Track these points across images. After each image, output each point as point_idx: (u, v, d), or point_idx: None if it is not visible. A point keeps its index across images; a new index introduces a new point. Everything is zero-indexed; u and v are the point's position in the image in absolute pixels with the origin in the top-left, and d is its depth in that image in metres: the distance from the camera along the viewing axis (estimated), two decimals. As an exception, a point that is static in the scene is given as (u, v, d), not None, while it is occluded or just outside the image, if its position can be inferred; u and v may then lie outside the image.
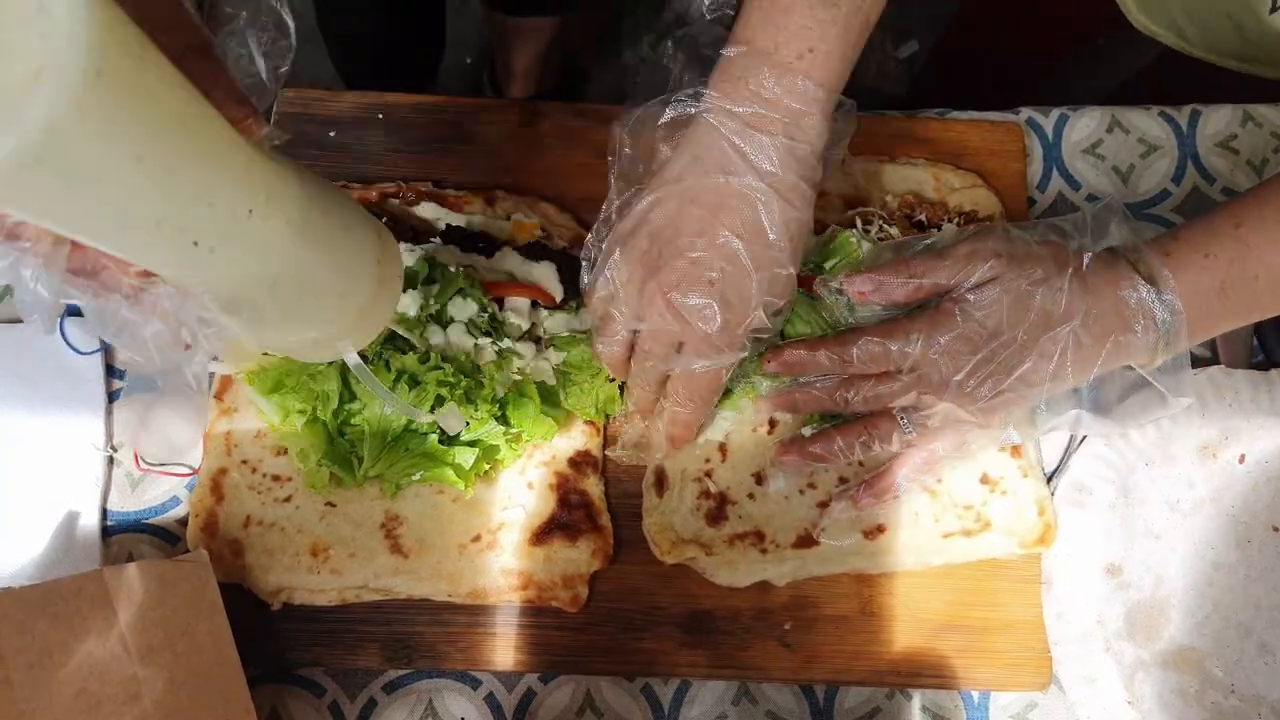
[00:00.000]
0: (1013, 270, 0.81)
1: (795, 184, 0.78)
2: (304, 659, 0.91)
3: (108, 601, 0.79)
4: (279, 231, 0.56)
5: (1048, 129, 1.09)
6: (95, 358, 0.97)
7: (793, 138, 0.77)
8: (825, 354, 0.87)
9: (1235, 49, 1.07)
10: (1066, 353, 0.80)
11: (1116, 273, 0.81)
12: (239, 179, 0.52)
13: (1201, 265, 0.80)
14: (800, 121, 0.77)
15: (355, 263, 0.66)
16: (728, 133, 0.77)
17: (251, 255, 0.56)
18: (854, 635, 0.94)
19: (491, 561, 0.91)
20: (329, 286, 0.65)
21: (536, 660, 0.92)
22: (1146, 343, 0.81)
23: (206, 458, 0.93)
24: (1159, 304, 0.80)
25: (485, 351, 0.91)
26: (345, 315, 0.67)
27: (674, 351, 0.84)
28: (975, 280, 0.81)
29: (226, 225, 0.52)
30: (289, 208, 0.57)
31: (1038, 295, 0.80)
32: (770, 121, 0.77)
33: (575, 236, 0.99)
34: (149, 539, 0.94)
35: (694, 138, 0.79)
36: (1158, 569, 0.97)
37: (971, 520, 0.95)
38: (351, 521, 0.91)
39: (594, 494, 0.94)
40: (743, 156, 0.77)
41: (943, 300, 0.83)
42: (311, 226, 0.59)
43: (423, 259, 0.90)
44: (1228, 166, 1.08)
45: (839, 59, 0.78)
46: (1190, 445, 0.99)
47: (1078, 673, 0.94)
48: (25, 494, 0.93)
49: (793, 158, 0.78)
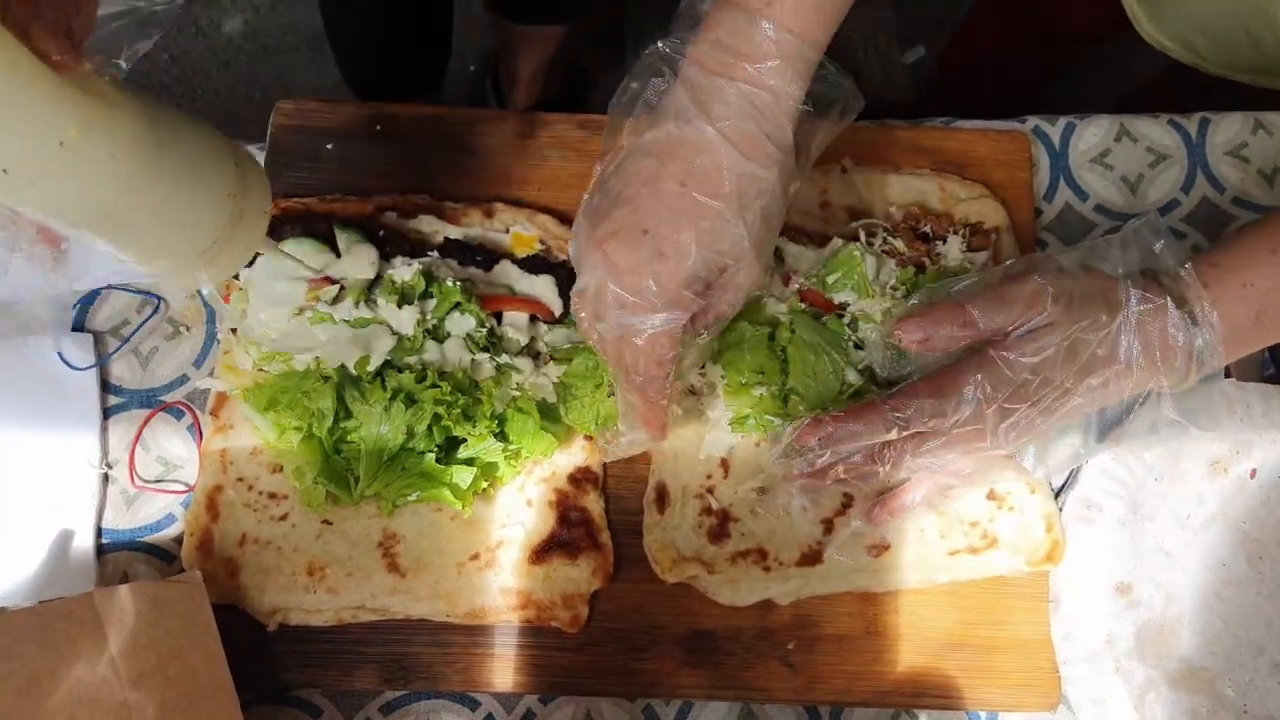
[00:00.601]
0: (1068, 317, 0.78)
1: (753, 134, 0.73)
2: (300, 680, 0.90)
3: (98, 625, 0.78)
4: (101, 165, 0.58)
5: (1055, 138, 1.07)
6: (90, 373, 0.96)
7: (751, 82, 0.72)
8: (879, 419, 0.82)
9: (1250, 63, 1.06)
10: (1108, 388, 0.78)
11: (1161, 311, 0.79)
12: (45, 112, 0.54)
13: (1240, 296, 0.79)
14: (761, 66, 0.72)
15: (204, 198, 0.66)
16: (688, 84, 0.74)
17: (72, 185, 0.58)
18: (858, 655, 0.93)
19: (490, 580, 0.90)
20: (173, 219, 0.65)
21: (536, 681, 0.91)
22: (1180, 371, 0.79)
23: (202, 475, 0.91)
24: (1198, 334, 0.78)
25: (483, 367, 0.90)
26: (196, 247, 0.68)
27: (612, 310, 0.76)
28: (1031, 326, 0.79)
29: (35, 156, 0.55)
30: (112, 141, 0.58)
31: (1091, 343, 0.78)
32: (729, 68, 0.73)
33: (575, 250, 0.98)
34: (144, 557, 0.93)
35: (660, 90, 0.76)
36: (1168, 587, 0.96)
37: (978, 537, 0.93)
38: (348, 540, 0.90)
39: (594, 511, 0.93)
40: (696, 103, 0.73)
41: (992, 346, 0.79)
42: (146, 160, 0.60)
43: (419, 273, 0.89)
44: (1238, 176, 1.06)
45: (813, 7, 0.73)
46: (1201, 460, 0.97)
47: (1087, 693, 0.92)
48: (19, 511, 0.92)
49: (751, 105, 0.73)
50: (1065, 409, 0.79)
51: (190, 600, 0.82)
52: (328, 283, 0.89)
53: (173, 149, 0.63)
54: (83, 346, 0.96)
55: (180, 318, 0.98)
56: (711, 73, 0.73)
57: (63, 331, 0.96)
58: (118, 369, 0.97)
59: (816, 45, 0.75)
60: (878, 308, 0.91)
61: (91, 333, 0.97)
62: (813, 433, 0.84)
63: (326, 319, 0.87)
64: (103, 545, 0.93)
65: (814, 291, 0.93)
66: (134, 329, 0.98)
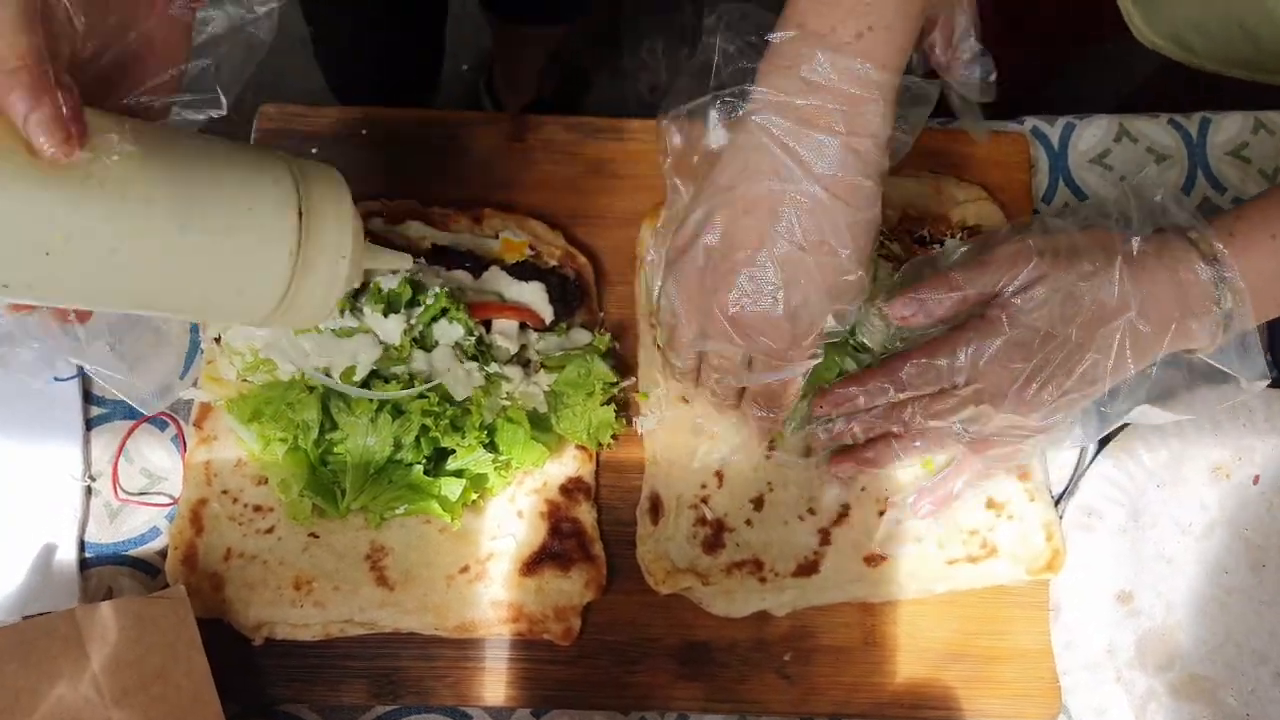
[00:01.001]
0: (1059, 267, 0.76)
1: (856, 184, 0.71)
2: (287, 695, 0.89)
3: (80, 642, 0.76)
4: (102, 261, 0.54)
5: (1054, 138, 1.06)
6: (72, 384, 0.94)
7: (853, 131, 0.70)
8: (876, 384, 0.83)
9: (1244, 57, 1.04)
10: (1125, 344, 0.76)
11: (1173, 255, 0.77)
12: (22, 222, 0.51)
13: (1268, 247, 0.76)
14: (860, 111, 0.70)
15: (250, 264, 0.62)
16: (779, 133, 0.70)
17: (74, 283, 0.55)
18: (856, 666, 0.91)
19: (480, 593, 0.89)
20: (217, 291, 0.61)
21: (528, 695, 0.90)
22: (1208, 326, 0.77)
23: (186, 487, 0.90)
24: (1222, 285, 0.76)
25: (472, 376, 0.88)
26: (257, 310, 0.64)
27: (744, 368, 0.81)
28: (1020, 283, 0.77)
29: (22, 264, 0.52)
30: (114, 236, 0.54)
31: (1088, 289, 0.76)
32: (826, 114, 0.70)
33: (565, 255, 0.96)
34: (129, 571, 0.91)
35: (742, 141, 0.73)
36: (1169, 595, 0.94)
37: (977, 546, 0.92)
38: (335, 553, 0.89)
39: (586, 522, 0.91)
40: (796, 160, 0.70)
41: (989, 308, 0.79)
42: (162, 247, 0.56)
43: (405, 280, 0.87)
44: (1239, 176, 1.05)
45: (901, 34, 0.70)
46: (1202, 466, 0.96)
47: (1088, 703, 0.91)
48: (1, 525, 0.91)
49: (852, 154, 0.70)
50: (1084, 367, 0.76)
51: (174, 616, 0.81)
52: None
53: (202, 222, 0.58)
54: (65, 356, 0.95)
55: (164, 328, 0.97)
56: (805, 122, 0.70)
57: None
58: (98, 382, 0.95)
59: (899, 73, 0.72)
60: (877, 311, 0.90)
61: (74, 342, 0.96)
62: (824, 399, 0.86)
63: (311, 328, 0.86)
64: (86, 559, 0.91)
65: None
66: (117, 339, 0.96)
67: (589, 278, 0.97)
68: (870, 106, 0.70)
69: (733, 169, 0.73)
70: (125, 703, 0.76)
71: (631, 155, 1.01)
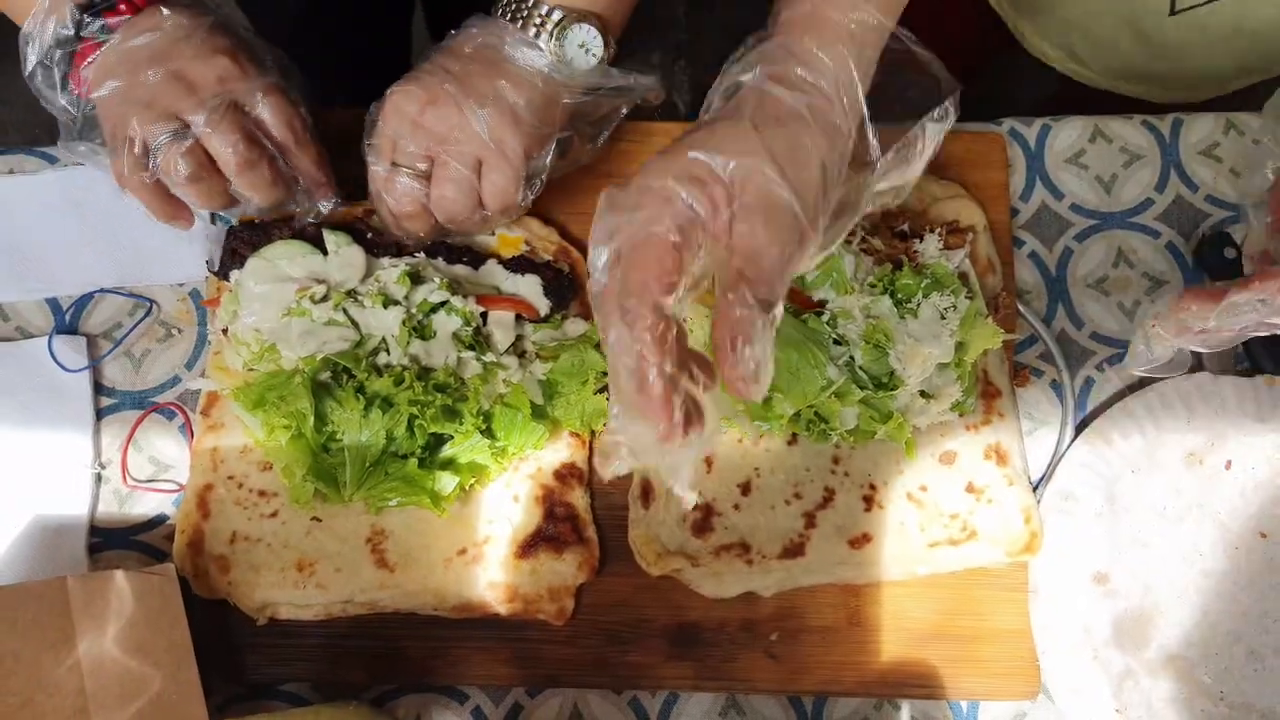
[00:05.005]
0: None
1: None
2: (290, 674, 0.92)
3: (67, 612, 0.79)
4: None
5: (1030, 139, 1.09)
6: (83, 375, 0.97)
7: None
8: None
9: (1128, 66, 1.08)
10: None
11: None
12: None
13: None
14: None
15: None
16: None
17: None
18: (841, 646, 0.94)
19: (477, 575, 0.92)
20: None
21: (523, 674, 0.92)
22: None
23: (193, 473, 0.93)
24: None
25: (470, 365, 0.91)
26: None
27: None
28: None
29: None
30: None
31: None
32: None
33: (559, 250, 1.00)
34: (137, 555, 0.94)
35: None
36: (1145, 577, 0.97)
37: (958, 529, 0.95)
38: (337, 536, 0.92)
39: (580, 506, 0.94)
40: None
41: None
42: None
43: (406, 274, 0.91)
44: (1211, 175, 1.08)
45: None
46: (1177, 452, 0.99)
47: (1066, 682, 0.94)
48: (12, 511, 0.94)
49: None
50: None
51: (162, 593, 0.83)
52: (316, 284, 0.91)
53: None
54: (76, 349, 0.98)
55: (171, 320, 1.00)
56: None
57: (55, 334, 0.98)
58: (110, 371, 0.99)
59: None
60: (856, 304, 0.93)
61: (85, 335, 0.99)
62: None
63: (306, 314, 0.89)
64: (95, 544, 0.95)
65: (794, 289, 0.95)
66: (126, 331, 0.99)
67: (583, 271, 1.00)
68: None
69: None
70: (104, 674, 0.79)
71: (623, 154, 1.04)
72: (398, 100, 0.85)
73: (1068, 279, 1.05)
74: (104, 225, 1.01)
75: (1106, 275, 1.05)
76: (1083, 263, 1.06)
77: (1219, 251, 1.03)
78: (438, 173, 0.87)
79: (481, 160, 0.86)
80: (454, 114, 0.83)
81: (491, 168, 0.86)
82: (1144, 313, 0.89)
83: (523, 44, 0.84)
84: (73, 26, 0.83)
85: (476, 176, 0.86)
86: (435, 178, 0.87)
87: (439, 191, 0.87)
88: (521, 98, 0.84)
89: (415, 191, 0.88)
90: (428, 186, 0.88)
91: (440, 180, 0.87)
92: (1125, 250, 1.06)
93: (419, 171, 0.87)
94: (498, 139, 0.84)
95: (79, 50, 0.83)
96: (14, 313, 1.00)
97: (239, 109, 0.84)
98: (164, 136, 0.82)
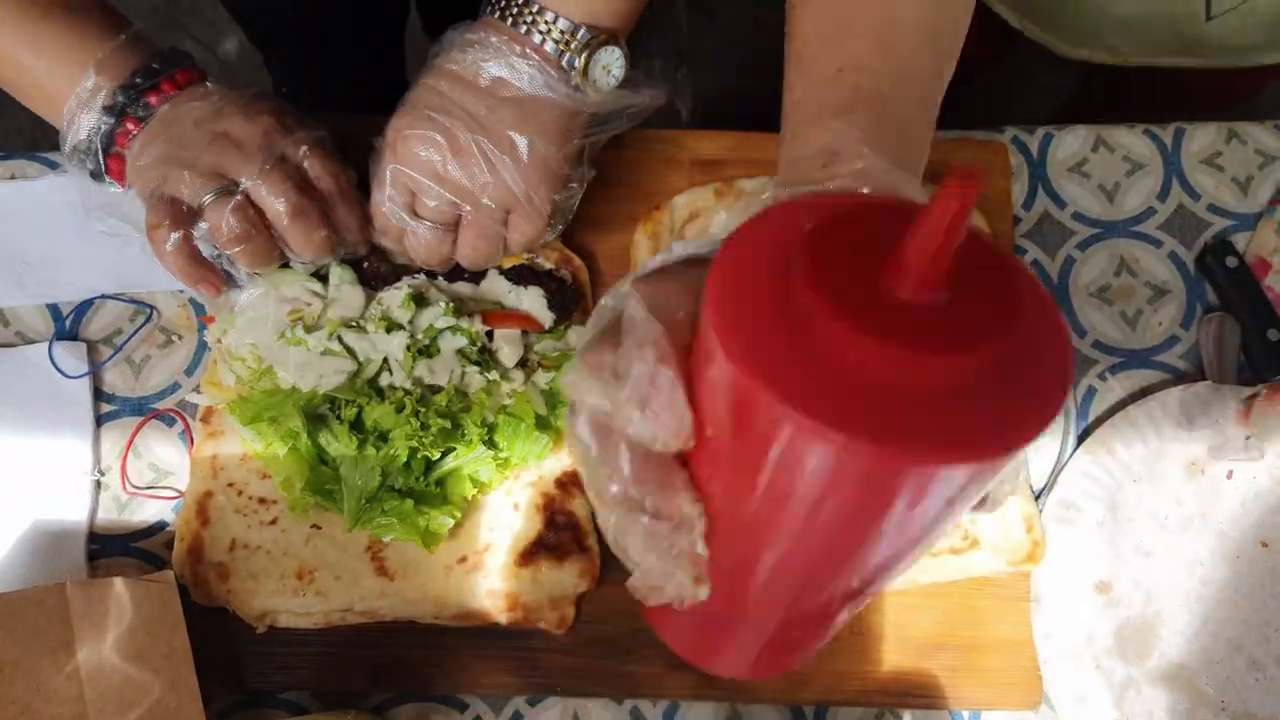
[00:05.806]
0: None
1: None
2: (289, 682, 0.91)
3: (67, 618, 0.79)
4: None
5: (1033, 148, 1.10)
6: (83, 381, 0.97)
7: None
8: None
9: (1175, 48, 1.08)
10: None
11: None
12: None
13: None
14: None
15: None
16: None
17: None
18: (842, 655, 0.94)
19: (478, 583, 0.91)
20: None
21: (524, 682, 0.92)
22: None
23: (192, 480, 0.93)
24: None
25: (474, 380, 0.91)
26: None
27: None
28: None
29: None
30: None
31: None
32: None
33: (561, 258, 0.99)
34: (136, 563, 0.94)
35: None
36: (1147, 586, 0.97)
37: (959, 538, 0.95)
38: (337, 545, 0.91)
39: (581, 515, 0.94)
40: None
41: None
42: None
43: (409, 296, 0.90)
44: (1213, 184, 1.08)
45: None
46: (1178, 462, 0.99)
47: (1068, 691, 0.94)
48: (11, 518, 0.94)
49: None
50: None
51: (161, 600, 0.83)
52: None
53: None
54: (75, 355, 0.98)
55: (172, 326, 1.00)
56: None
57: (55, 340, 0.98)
58: (110, 377, 0.98)
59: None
60: None
61: (84, 341, 0.99)
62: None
63: (302, 343, 0.89)
64: (94, 551, 0.94)
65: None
66: (126, 338, 0.99)
67: (585, 279, 1.00)
68: None
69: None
70: (103, 680, 0.79)
71: (626, 161, 1.04)
72: (415, 147, 0.82)
73: (1070, 288, 1.05)
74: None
75: (1109, 284, 1.05)
76: (1085, 271, 1.06)
77: (1221, 261, 1.03)
78: (466, 229, 0.86)
79: (510, 211, 0.85)
80: (482, 168, 0.82)
81: (521, 218, 0.86)
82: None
83: (538, 69, 0.80)
84: (114, 116, 0.82)
85: (504, 226, 0.86)
86: (463, 231, 0.87)
87: (468, 245, 0.87)
88: (553, 144, 0.83)
89: (438, 242, 0.88)
90: (452, 233, 0.87)
91: (468, 235, 0.86)
92: (1128, 259, 1.06)
93: (445, 226, 0.87)
94: (527, 194, 0.83)
95: (120, 131, 0.83)
96: (14, 318, 1.00)
97: (286, 161, 0.83)
98: (209, 196, 0.80)
